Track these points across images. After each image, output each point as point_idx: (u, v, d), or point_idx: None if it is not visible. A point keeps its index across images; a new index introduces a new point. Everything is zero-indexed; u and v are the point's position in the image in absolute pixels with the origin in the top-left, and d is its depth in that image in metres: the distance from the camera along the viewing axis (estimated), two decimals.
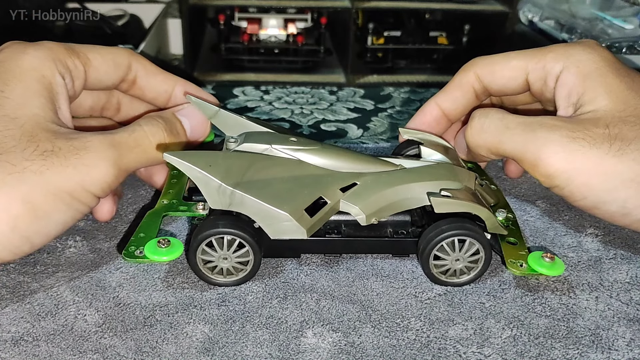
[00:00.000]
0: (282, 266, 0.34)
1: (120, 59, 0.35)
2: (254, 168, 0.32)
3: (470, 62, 0.38)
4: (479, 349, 0.29)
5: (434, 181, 0.34)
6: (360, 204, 0.32)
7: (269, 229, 0.31)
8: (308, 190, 0.32)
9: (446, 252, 0.32)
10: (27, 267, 0.34)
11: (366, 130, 0.57)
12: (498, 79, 0.37)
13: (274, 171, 0.33)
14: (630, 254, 0.36)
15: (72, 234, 0.36)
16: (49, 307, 0.31)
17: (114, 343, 0.29)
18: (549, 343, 0.30)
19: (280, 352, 0.29)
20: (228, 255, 0.32)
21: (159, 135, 0.34)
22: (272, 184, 0.32)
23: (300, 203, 0.31)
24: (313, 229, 0.31)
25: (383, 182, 0.34)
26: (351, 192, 0.33)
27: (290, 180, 0.33)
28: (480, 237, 0.32)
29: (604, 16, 0.65)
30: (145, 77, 0.36)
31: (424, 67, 0.78)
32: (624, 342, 0.30)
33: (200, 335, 0.30)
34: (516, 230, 0.35)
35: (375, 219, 0.33)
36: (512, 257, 0.33)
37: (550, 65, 0.35)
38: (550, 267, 0.32)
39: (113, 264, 0.34)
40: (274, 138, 0.35)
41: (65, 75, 0.32)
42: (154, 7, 0.79)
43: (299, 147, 0.34)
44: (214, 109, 0.37)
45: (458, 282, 0.33)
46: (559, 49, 0.35)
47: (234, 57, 0.75)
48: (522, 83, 0.37)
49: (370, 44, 0.76)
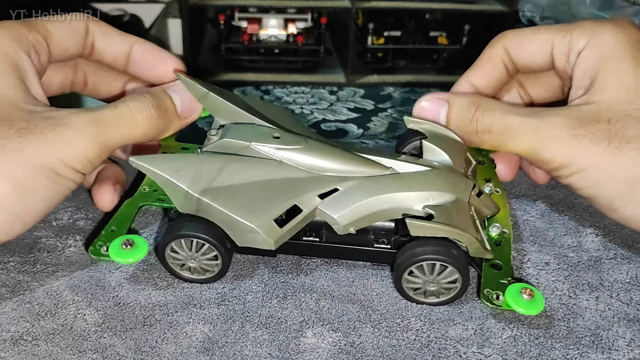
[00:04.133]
0: (281, 266, 0.34)
1: (78, 24, 0.35)
2: (226, 171, 0.31)
3: (498, 35, 0.37)
4: (479, 349, 0.29)
5: (423, 192, 0.32)
6: (339, 212, 0.31)
7: (236, 237, 0.31)
8: (282, 196, 0.31)
9: (423, 273, 0.31)
10: (27, 266, 0.33)
11: (366, 130, 0.57)
12: (524, 52, 0.36)
13: (247, 175, 0.32)
14: (630, 254, 0.36)
15: (72, 234, 0.36)
16: (48, 307, 0.31)
17: (114, 342, 0.29)
18: (549, 343, 0.30)
19: (279, 352, 0.29)
20: (196, 257, 0.32)
21: (146, 112, 0.33)
22: (243, 190, 0.31)
23: (271, 213, 0.30)
24: (281, 240, 0.30)
25: (366, 189, 0.32)
26: (330, 198, 0.31)
27: (263, 186, 0.31)
28: (462, 266, 0.30)
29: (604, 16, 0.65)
30: (102, 38, 0.35)
31: (424, 67, 0.78)
32: (624, 342, 0.30)
33: (199, 334, 0.30)
34: (507, 250, 0.33)
35: (354, 228, 0.31)
36: (490, 287, 0.31)
37: (575, 41, 0.34)
38: (527, 305, 0.30)
39: (113, 263, 0.34)
40: (256, 134, 0.33)
41: (30, 52, 0.32)
42: (154, 7, 0.79)
43: (281, 146, 0.33)
44: (203, 90, 0.35)
45: (425, 301, 0.32)
46: (587, 25, 0.34)
47: (234, 57, 0.75)
48: (548, 58, 0.35)
49: (370, 44, 0.76)
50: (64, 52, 0.35)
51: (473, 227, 0.31)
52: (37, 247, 0.35)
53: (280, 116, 0.37)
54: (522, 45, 0.36)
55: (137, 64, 0.36)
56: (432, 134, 0.35)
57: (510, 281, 0.31)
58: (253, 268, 0.34)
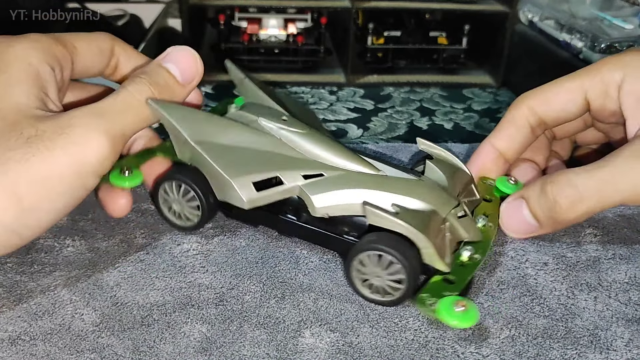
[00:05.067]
0: (280, 265, 0.34)
1: (104, 45, 0.35)
2: (227, 133, 0.34)
3: (520, 97, 0.37)
4: (477, 349, 0.29)
5: (401, 195, 0.32)
6: (317, 195, 0.32)
7: (216, 190, 0.34)
8: (269, 166, 0.33)
9: (371, 263, 0.31)
10: (25, 267, 0.33)
11: (366, 130, 0.57)
12: (555, 105, 0.36)
13: (244, 140, 0.34)
14: (629, 254, 0.36)
15: (70, 234, 0.36)
16: (46, 307, 0.31)
17: (111, 342, 0.29)
18: (547, 343, 0.30)
19: (277, 352, 0.29)
20: (182, 202, 0.34)
21: (145, 91, 0.32)
22: (235, 151, 0.33)
23: (252, 176, 0.33)
24: (255, 203, 0.32)
25: (349, 180, 0.33)
26: (313, 181, 0.33)
27: (255, 154, 0.34)
28: (410, 268, 0.30)
29: (604, 16, 0.65)
30: (127, 61, 0.36)
31: (424, 67, 0.79)
32: (623, 343, 0.30)
33: (197, 334, 0.30)
34: (468, 271, 0.31)
35: (328, 214, 0.32)
36: (431, 292, 0.29)
37: (608, 76, 0.34)
38: (460, 317, 0.28)
39: (111, 263, 0.34)
40: (267, 113, 0.36)
41: (54, 65, 0.31)
42: (154, 7, 0.79)
43: (285, 127, 0.35)
44: (240, 75, 0.39)
45: (370, 297, 0.31)
46: (612, 60, 0.35)
47: (234, 57, 0.75)
48: (581, 104, 0.36)
49: (370, 44, 0.77)
50: (86, 70, 0.34)
51: (437, 236, 0.31)
52: (34, 248, 0.35)
53: (305, 114, 0.39)
54: (550, 100, 0.36)
55: None
56: (438, 157, 0.36)
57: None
58: (252, 268, 0.34)
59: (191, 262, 0.34)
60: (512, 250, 0.35)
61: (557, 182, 0.32)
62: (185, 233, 0.36)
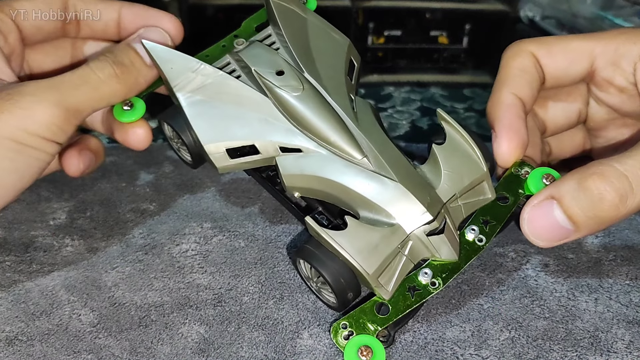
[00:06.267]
0: (278, 266, 0.34)
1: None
2: (212, 87, 0.32)
3: (519, 43, 0.33)
4: (477, 351, 0.29)
5: (370, 199, 0.29)
6: (288, 172, 0.31)
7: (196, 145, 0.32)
8: (247, 132, 0.31)
9: (303, 269, 0.31)
10: (23, 266, 0.33)
11: None
12: (559, 61, 0.32)
13: (229, 97, 0.32)
14: (630, 256, 0.35)
15: (69, 232, 0.36)
16: (43, 307, 0.31)
17: (109, 343, 0.29)
18: (548, 345, 0.29)
19: (276, 354, 0.29)
20: (177, 141, 0.34)
21: (107, 70, 0.31)
22: (216, 108, 0.31)
23: (226, 143, 0.31)
24: (227, 169, 0.32)
25: (324, 166, 0.30)
26: (289, 156, 0.31)
27: (237, 115, 0.31)
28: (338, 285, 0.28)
29: (605, 15, 0.65)
30: (85, 9, 0.34)
31: (425, 67, 0.78)
32: (623, 345, 0.30)
33: (195, 335, 0.29)
34: (411, 302, 0.28)
35: (298, 194, 0.31)
36: (350, 321, 0.28)
37: (625, 48, 0.31)
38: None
39: (109, 263, 0.34)
40: (265, 62, 0.33)
41: None
42: None
43: (277, 84, 0.31)
44: None
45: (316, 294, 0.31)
46: (631, 31, 0.31)
47: None
48: (585, 69, 0.32)
49: (371, 43, 0.76)
50: (39, 30, 0.33)
51: (387, 259, 0.28)
52: (33, 246, 0.35)
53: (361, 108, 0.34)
54: (554, 53, 0.32)
55: (130, 30, 0.35)
56: (454, 143, 0.31)
57: (376, 330, 0.28)
58: (250, 269, 0.34)
59: (190, 262, 0.34)
60: (512, 251, 0.35)
61: (602, 173, 0.27)
62: (184, 233, 0.36)
